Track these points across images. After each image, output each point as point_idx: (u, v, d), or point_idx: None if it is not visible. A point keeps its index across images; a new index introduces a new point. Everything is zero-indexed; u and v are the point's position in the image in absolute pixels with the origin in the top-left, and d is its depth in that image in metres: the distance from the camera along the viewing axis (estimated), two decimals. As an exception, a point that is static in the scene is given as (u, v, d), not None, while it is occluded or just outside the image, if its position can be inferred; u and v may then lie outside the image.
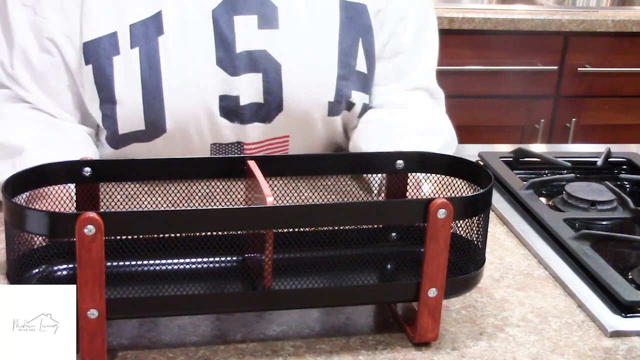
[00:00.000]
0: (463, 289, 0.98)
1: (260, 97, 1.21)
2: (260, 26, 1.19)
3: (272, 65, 1.19)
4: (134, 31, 1.16)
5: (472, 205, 0.95)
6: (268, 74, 1.19)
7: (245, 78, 1.19)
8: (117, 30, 1.16)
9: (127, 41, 1.16)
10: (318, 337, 0.96)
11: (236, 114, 1.21)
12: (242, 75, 1.19)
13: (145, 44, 1.16)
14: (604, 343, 0.98)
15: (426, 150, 1.06)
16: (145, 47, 1.16)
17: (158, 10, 1.16)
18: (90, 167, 0.97)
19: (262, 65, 1.19)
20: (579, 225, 1.22)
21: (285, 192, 1.05)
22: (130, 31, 1.16)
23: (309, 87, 1.22)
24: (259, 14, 1.19)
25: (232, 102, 1.20)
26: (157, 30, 1.16)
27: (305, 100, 1.22)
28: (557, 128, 2.61)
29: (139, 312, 0.92)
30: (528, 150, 1.45)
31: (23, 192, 0.93)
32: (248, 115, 1.21)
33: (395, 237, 1.06)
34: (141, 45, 1.16)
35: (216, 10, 1.18)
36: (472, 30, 2.43)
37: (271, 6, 1.20)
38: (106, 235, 0.83)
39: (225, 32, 1.18)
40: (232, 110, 1.20)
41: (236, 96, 1.20)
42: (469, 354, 0.95)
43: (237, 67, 1.19)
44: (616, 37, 2.54)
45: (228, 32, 1.18)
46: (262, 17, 1.19)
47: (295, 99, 1.21)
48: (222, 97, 1.19)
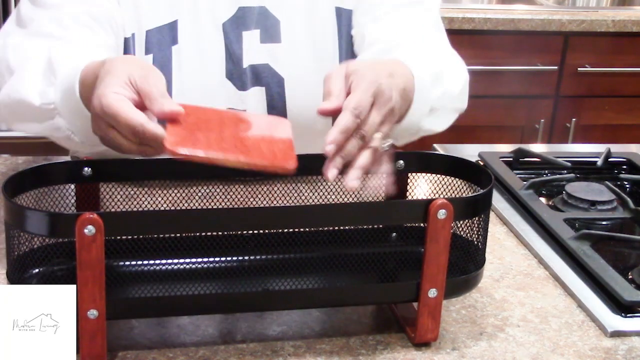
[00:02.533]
0: (463, 289, 0.98)
1: (264, 110, 1.21)
2: (263, 40, 1.19)
3: (274, 79, 1.20)
4: (149, 37, 1.16)
5: (472, 206, 0.95)
6: (271, 87, 1.20)
7: (251, 92, 1.20)
8: (135, 32, 1.16)
9: (142, 46, 1.16)
10: (318, 337, 0.96)
11: None
12: (249, 90, 1.20)
13: (159, 52, 1.16)
14: (604, 343, 0.98)
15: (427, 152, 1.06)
16: (159, 55, 1.16)
17: (174, 19, 1.17)
18: (90, 167, 0.97)
19: (265, 79, 1.20)
20: (579, 225, 1.22)
21: (285, 192, 1.05)
22: (147, 36, 1.16)
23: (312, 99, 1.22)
24: (262, 28, 1.19)
25: None
26: (171, 40, 1.16)
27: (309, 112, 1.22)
28: (557, 128, 2.61)
29: (139, 312, 0.92)
30: (528, 150, 1.45)
31: (23, 192, 0.93)
32: None
33: (395, 237, 1.06)
34: (155, 53, 1.16)
35: (226, 24, 1.18)
36: (472, 30, 2.43)
37: (273, 19, 1.20)
38: (106, 235, 0.83)
39: (234, 47, 1.18)
40: None
41: (243, 110, 1.20)
42: (469, 354, 0.95)
43: (245, 81, 1.19)
44: (616, 37, 2.54)
45: (237, 47, 1.18)
46: (265, 31, 1.19)
47: (299, 111, 1.21)
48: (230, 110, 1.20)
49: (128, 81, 0.85)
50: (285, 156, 0.84)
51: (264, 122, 0.91)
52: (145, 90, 0.84)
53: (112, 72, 0.86)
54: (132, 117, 0.83)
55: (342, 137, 0.86)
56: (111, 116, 0.83)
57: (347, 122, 0.86)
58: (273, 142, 0.86)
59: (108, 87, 0.84)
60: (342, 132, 0.86)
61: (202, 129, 0.85)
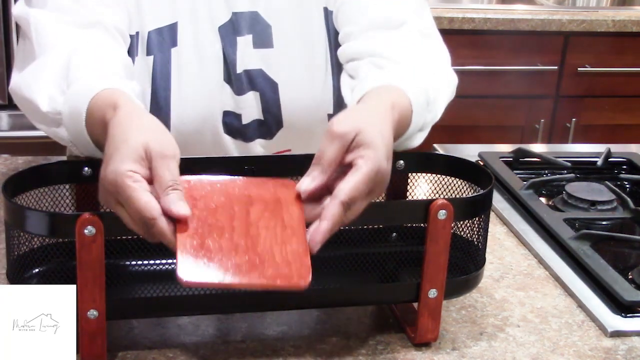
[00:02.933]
0: (463, 289, 0.98)
1: (260, 115, 1.21)
2: (256, 45, 1.19)
3: (268, 84, 1.19)
4: (151, 38, 1.16)
5: (472, 206, 0.95)
6: (266, 93, 1.19)
7: (247, 97, 1.20)
8: (140, 31, 1.16)
9: (144, 47, 1.16)
10: (318, 337, 0.96)
11: (239, 132, 1.21)
12: (246, 94, 1.20)
13: (159, 53, 1.16)
14: (604, 343, 0.98)
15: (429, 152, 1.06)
16: (159, 56, 1.16)
17: (175, 21, 1.16)
18: (90, 167, 0.97)
19: (259, 84, 1.19)
20: (579, 225, 1.22)
21: (285, 192, 1.05)
22: (149, 37, 1.15)
23: (307, 103, 1.21)
24: (254, 33, 1.19)
25: (234, 120, 1.20)
26: (171, 42, 1.16)
27: (305, 116, 1.22)
28: (557, 128, 2.61)
29: (139, 312, 0.92)
30: (528, 150, 1.45)
31: (23, 192, 0.93)
32: (250, 132, 1.21)
33: (395, 237, 1.06)
34: (155, 55, 1.16)
35: (222, 28, 1.18)
36: (472, 30, 2.43)
37: (265, 24, 1.19)
38: (106, 235, 0.83)
39: (229, 51, 1.18)
40: (235, 129, 1.20)
41: (239, 114, 1.20)
42: (469, 354, 0.95)
43: (240, 86, 1.19)
44: (616, 37, 2.54)
45: (231, 52, 1.18)
46: (257, 36, 1.19)
47: (294, 115, 1.21)
48: (226, 113, 1.19)
49: (144, 155, 0.82)
50: (299, 266, 0.82)
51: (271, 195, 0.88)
52: (159, 176, 0.82)
53: (129, 143, 0.83)
54: (145, 208, 0.80)
55: (330, 235, 0.84)
56: (124, 199, 0.80)
57: (336, 218, 0.84)
58: (286, 243, 0.83)
59: (123, 162, 0.81)
60: (331, 230, 0.84)
61: (213, 228, 0.82)
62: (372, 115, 0.91)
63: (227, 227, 0.83)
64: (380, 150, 0.86)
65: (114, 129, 0.86)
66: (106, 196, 0.83)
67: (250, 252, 0.82)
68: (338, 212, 0.83)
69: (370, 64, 1.09)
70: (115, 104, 0.89)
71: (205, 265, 0.80)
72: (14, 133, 2.31)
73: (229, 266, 0.80)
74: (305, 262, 0.82)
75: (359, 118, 0.89)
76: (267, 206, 0.86)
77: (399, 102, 0.96)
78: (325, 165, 0.85)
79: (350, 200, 0.84)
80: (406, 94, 0.98)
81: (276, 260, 0.82)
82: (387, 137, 0.89)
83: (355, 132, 0.86)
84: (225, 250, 0.81)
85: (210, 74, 1.18)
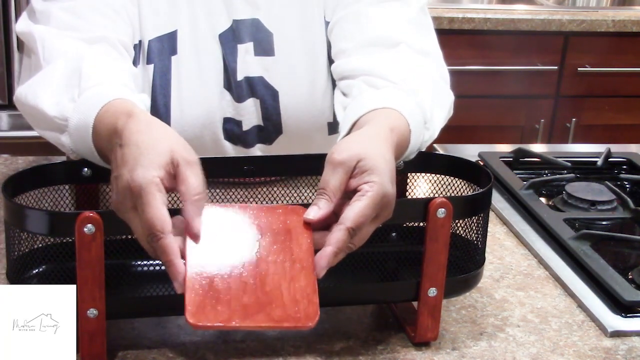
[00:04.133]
0: (463, 288, 0.98)
1: (260, 121, 1.21)
2: (257, 53, 1.19)
3: (269, 92, 1.19)
4: (151, 46, 1.15)
5: (471, 205, 0.95)
6: (266, 100, 1.19)
7: (248, 104, 1.20)
8: (142, 39, 1.16)
9: (145, 55, 1.16)
10: (318, 337, 0.96)
11: (240, 138, 1.21)
12: (246, 102, 1.20)
13: (159, 61, 1.16)
14: (604, 343, 0.98)
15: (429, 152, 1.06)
16: (159, 65, 1.15)
17: (174, 29, 1.16)
18: (90, 167, 0.97)
19: (259, 91, 1.19)
20: (579, 225, 1.22)
21: (285, 193, 1.05)
22: (149, 46, 1.15)
23: (307, 111, 1.21)
24: (255, 41, 1.19)
25: (235, 127, 1.20)
26: (170, 50, 1.16)
27: (304, 124, 1.22)
28: (557, 128, 2.61)
29: (139, 312, 0.92)
30: (528, 150, 1.45)
31: (23, 192, 0.93)
32: (251, 138, 1.21)
33: (395, 236, 1.06)
34: (155, 63, 1.15)
35: (222, 36, 1.18)
36: (472, 30, 2.43)
37: (267, 32, 1.19)
38: (106, 234, 0.83)
39: (229, 59, 1.18)
40: (235, 135, 1.20)
41: (239, 121, 1.20)
42: (469, 354, 0.95)
43: (240, 93, 1.19)
44: (616, 37, 2.54)
45: (232, 59, 1.18)
46: (258, 44, 1.19)
47: (294, 123, 1.21)
48: (226, 119, 1.19)
49: (170, 161, 0.82)
50: (307, 305, 0.82)
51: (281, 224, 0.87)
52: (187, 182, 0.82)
53: (156, 149, 0.82)
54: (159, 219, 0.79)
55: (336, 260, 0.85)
56: (143, 203, 0.80)
57: (340, 243, 0.84)
58: (294, 280, 0.83)
59: (152, 168, 0.81)
60: (336, 255, 0.84)
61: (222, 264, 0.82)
62: (372, 140, 0.91)
63: (237, 263, 0.83)
64: (384, 174, 0.86)
65: (134, 135, 0.85)
66: (124, 199, 0.82)
67: (259, 291, 0.82)
68: (343, 238, 0.84)
69: (364, 83, 1.08)
70: (129, 112, 0.89)
71: (214, 307, 0.80)
72: (14, 133, 2.31)
73: (237, 307, 0.80)
74: (313, 300, 0.83)
75: (359, 145, 0.89)
76: (276, 238, 0.86)
77: (397, 125, 0.96)
78: (331, 195, 0.86)
79: (356, 226, 0.84)
80: (403, 115, 0.98)
81: (284, 300, 0.82)
82: (390, 161, 0.89)
83: (357, 158, 0.86)
84: (234, 291, 0.81)
85: (210, 81, 1.18)
